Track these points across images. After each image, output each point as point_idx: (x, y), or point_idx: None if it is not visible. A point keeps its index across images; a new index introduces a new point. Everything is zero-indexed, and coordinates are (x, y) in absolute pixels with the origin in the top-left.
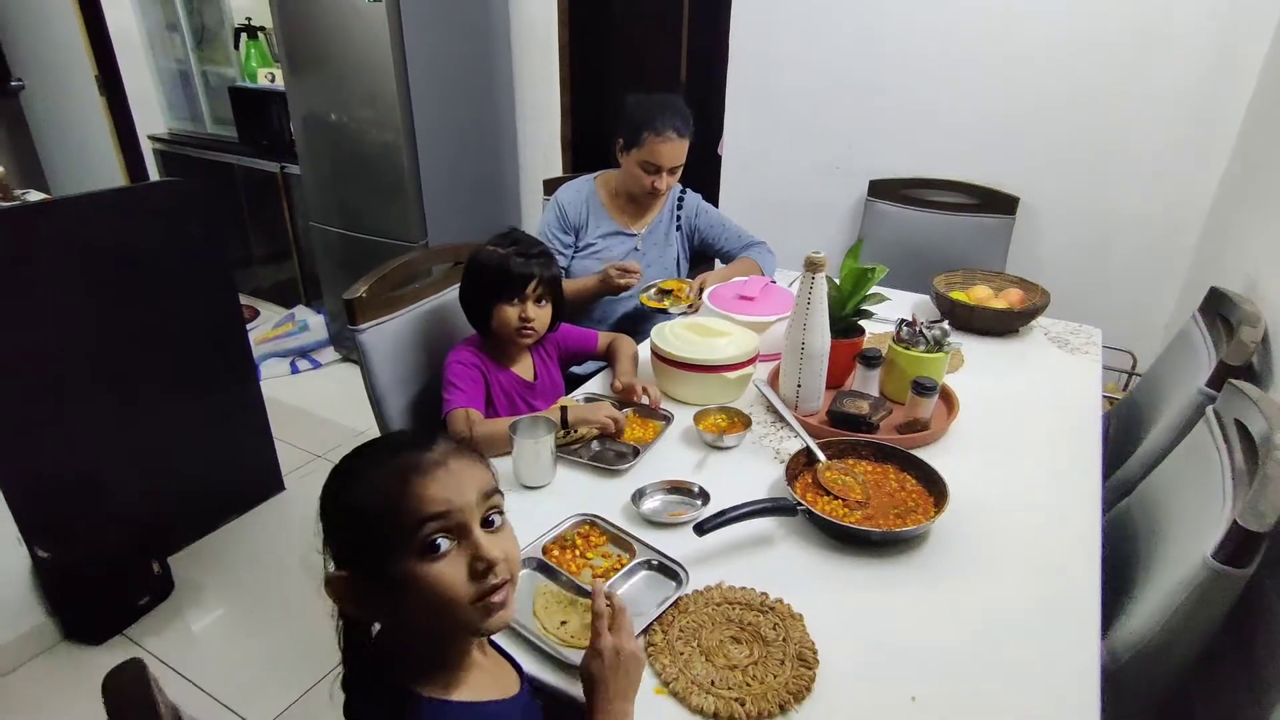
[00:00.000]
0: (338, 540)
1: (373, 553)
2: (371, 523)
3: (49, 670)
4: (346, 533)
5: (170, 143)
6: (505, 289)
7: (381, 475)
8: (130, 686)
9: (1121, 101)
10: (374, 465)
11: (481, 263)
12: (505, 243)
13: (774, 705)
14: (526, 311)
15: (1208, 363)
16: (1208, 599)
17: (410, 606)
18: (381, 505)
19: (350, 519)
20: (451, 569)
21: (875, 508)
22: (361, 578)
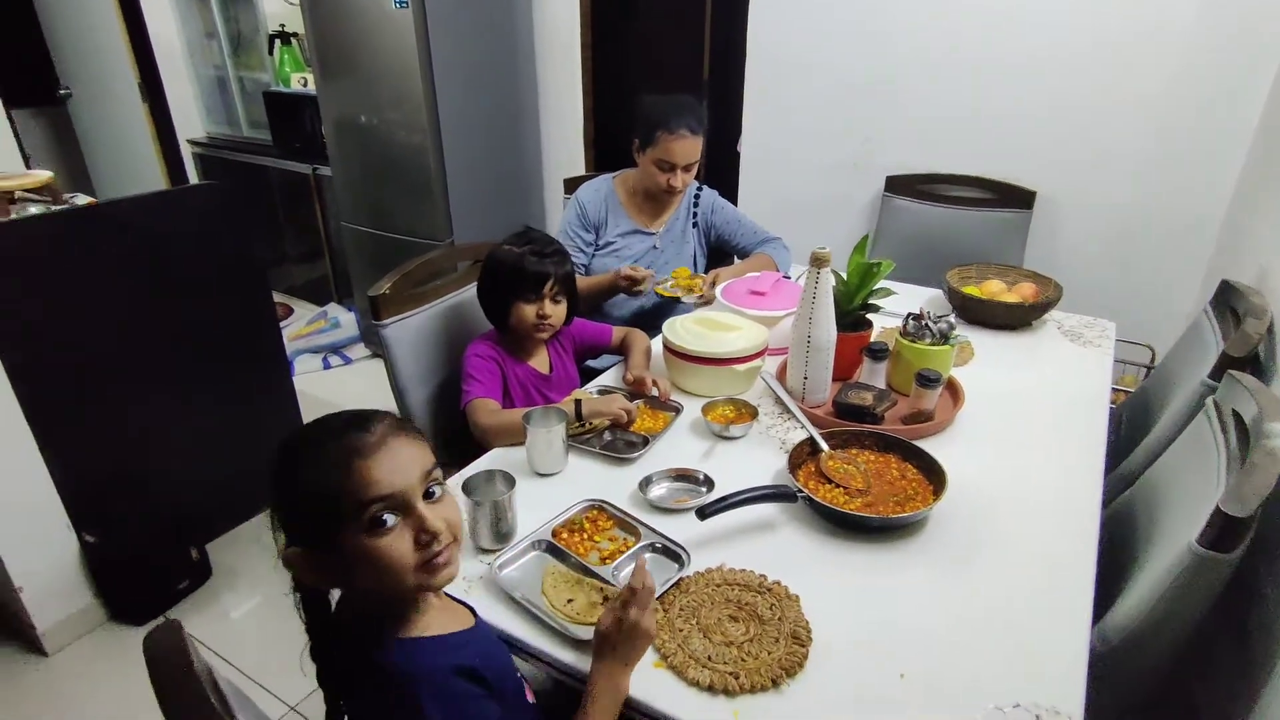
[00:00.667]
0: (290, 519)
1: (324, 530)
2: (320, 504)
3: (95, 649)
4: (298, 513)
5: (208, 146)
6: (523, 287)
7: (326, 459)
8: (169, 643)
9: (1140, 96)
10: (318, 448)
11: (499, 261)
12: (520, 242)
13: (767, 679)
14: (544, 308)
15: (1215, 355)
16: (1193, 584)
17: (362, 575)
18: (329, 488)
19: (300, 501)
20: (398, 541)
21: (876, 496)
22: (316, 552)
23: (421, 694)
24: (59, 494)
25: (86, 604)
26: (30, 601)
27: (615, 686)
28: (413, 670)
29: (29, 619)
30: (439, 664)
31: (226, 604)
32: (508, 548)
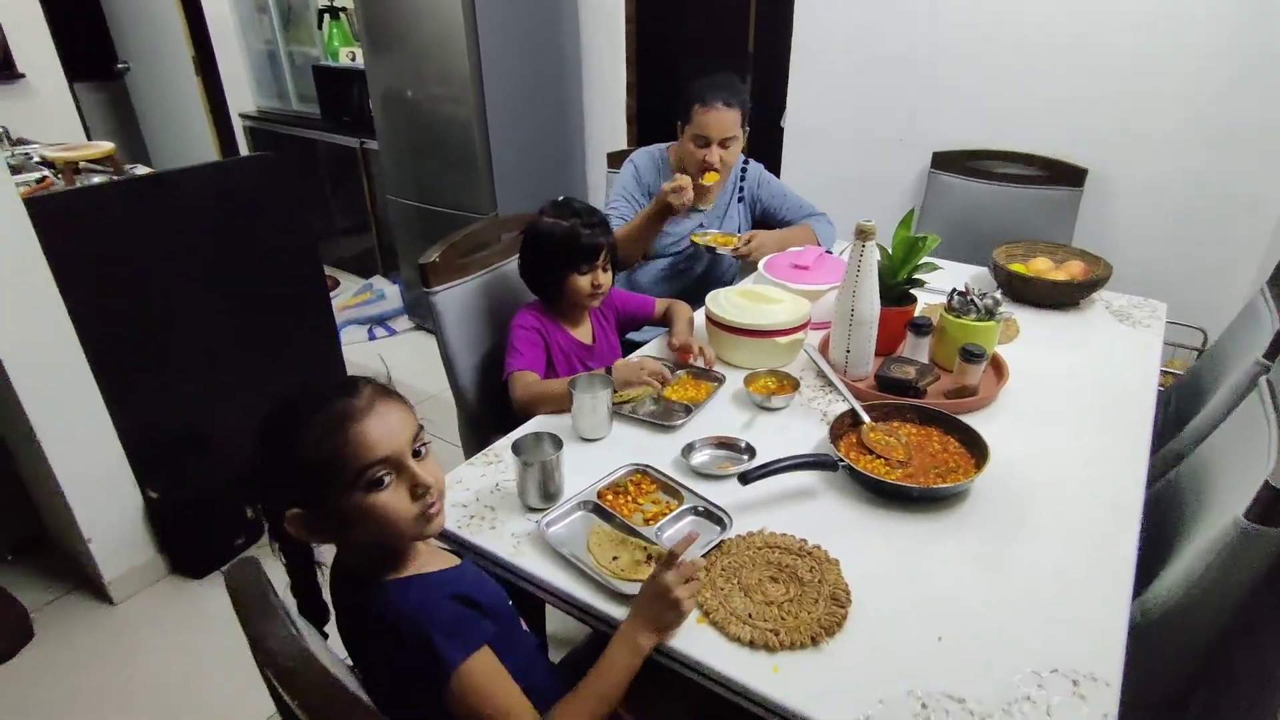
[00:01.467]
0: (284, 485)
1: (323, 493)
2: (321, 470)
3: (158, 599)
4: (296, 479)
5: (258, 120)
6: (577, 259)
7: (323, 427)
8: (248, 574)
9: (1198, 73)
10: (311, 417)
11: (547, 233)
12: (566, 213)
13: (806, 638)
14: (597, 278)
15: (1270, 335)
16: (1238, 558)
17: (362, 529)
18: (329, 454)
19: (301, 468)
20: (395, 497)
21: (916, 467)
22: (314, 513)
23: (422, 621)
24: (124, 450)
25: (150, 557)
26: (99, 552)
27: (634, 644)
28: (412, 604)
29: (97, 569)
30: (434, 595)
31: (277, 562)
32: (554, 507)
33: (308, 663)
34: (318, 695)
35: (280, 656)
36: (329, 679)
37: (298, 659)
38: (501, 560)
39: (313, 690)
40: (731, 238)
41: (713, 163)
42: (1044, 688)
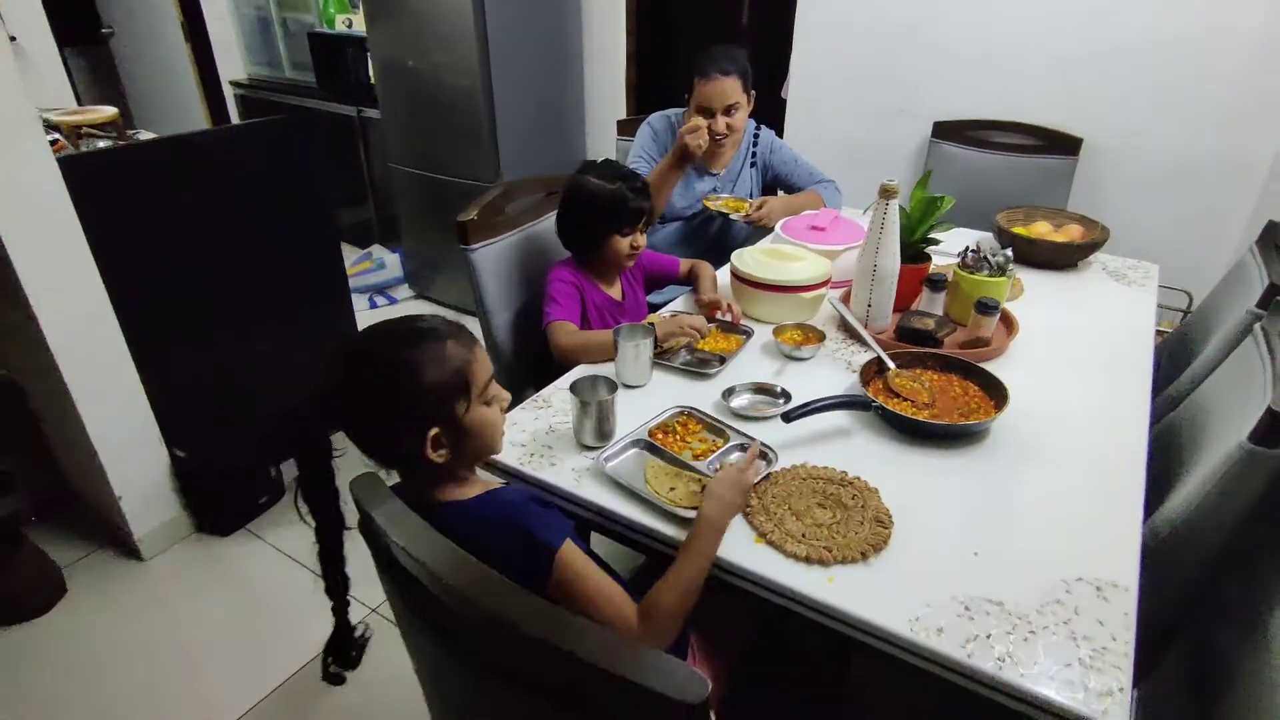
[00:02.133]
0: (418, 406)
1: (454, 408)
2: (455, 385)
3: (184, 556)
4: (430, 398)
5: (250, 87)
6: (620, 221)
7: (451, 348)
8: (370, 486)
9: (1189, 44)
10: (433, 342)
11: (593, 194)
12: (611, 177)
13: (856, 554)
14: (637, 240)
15: (1260, 289)
16: (1242, 478)
17: (478, 441)
18: (459, 371)
19: (434, 386)
20: (496, 411)
21: (941, 408)
22: (447, 429)
23: (516, 519)
24: (153, 412)
25: (176, 514)
26: (129, 510)
27: (719, 525)
28: (501, 508)
29: (127, 526)
30: (516, 499)
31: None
32: (609, 445)
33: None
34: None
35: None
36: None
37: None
38: (566, 493)
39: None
40: (743, 203)
41: (719, 130)
42: (1071, 592)
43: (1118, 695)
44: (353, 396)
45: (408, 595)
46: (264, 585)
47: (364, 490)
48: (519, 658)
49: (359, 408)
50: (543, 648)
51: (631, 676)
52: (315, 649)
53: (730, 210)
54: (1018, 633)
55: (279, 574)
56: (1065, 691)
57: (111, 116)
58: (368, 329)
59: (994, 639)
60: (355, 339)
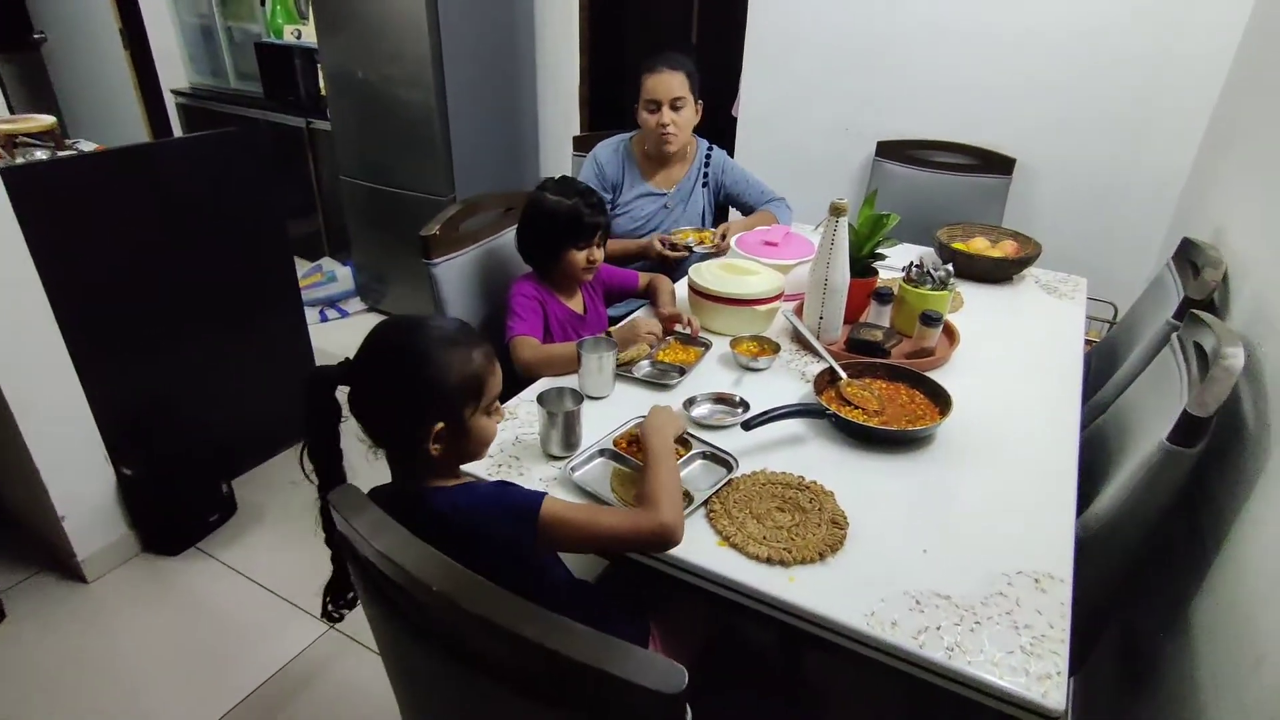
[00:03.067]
0: (438, 400)
1: (463, 410)
2: (470, 389)
3: (131, 577)
4: (449, 394)
5: (193, 97)
6: (576, 236)
7: (478, 354)
8: (349, 497)
9: (1112, 70)
10: (468, 346)
11: (551, 210)
12: (569, 192)
13: (815, 554)
14: (593, 254)
15: (1176, 301)
16: (1162, 474)
17: (474, 442)
18: (477, 378)
19: (454, 385)
20: (495, 422)
21: (890, 415)
22: (451, 427)
23: (496, 496)
24: (98, 428)
25: (122, 534)
26: (72, 530)
27: (664, 432)
28: (483, 491)
29: (70, 547)
30: (493, 486)
31: (255, 536)
32: (576, 454)
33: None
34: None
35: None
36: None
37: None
38: None
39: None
40: (706, 233)
41: (666, 123)
42: (1012, 584)
43: (1055, 678)
44: (379, 375)
45: (385, 599)
46: (216, 604)
47: (344, 503)
48: (505, 658)
49: (381, 386)
50: (529, 647)
51: (616, 672)
52: (272, 668)
53: (696, 242)
54: (965, 623)
55: (232, 592)
56: (1009, 677)
57: (49, 125)
58: (409, 319)
59: (943, 630)
60: (397, 324)
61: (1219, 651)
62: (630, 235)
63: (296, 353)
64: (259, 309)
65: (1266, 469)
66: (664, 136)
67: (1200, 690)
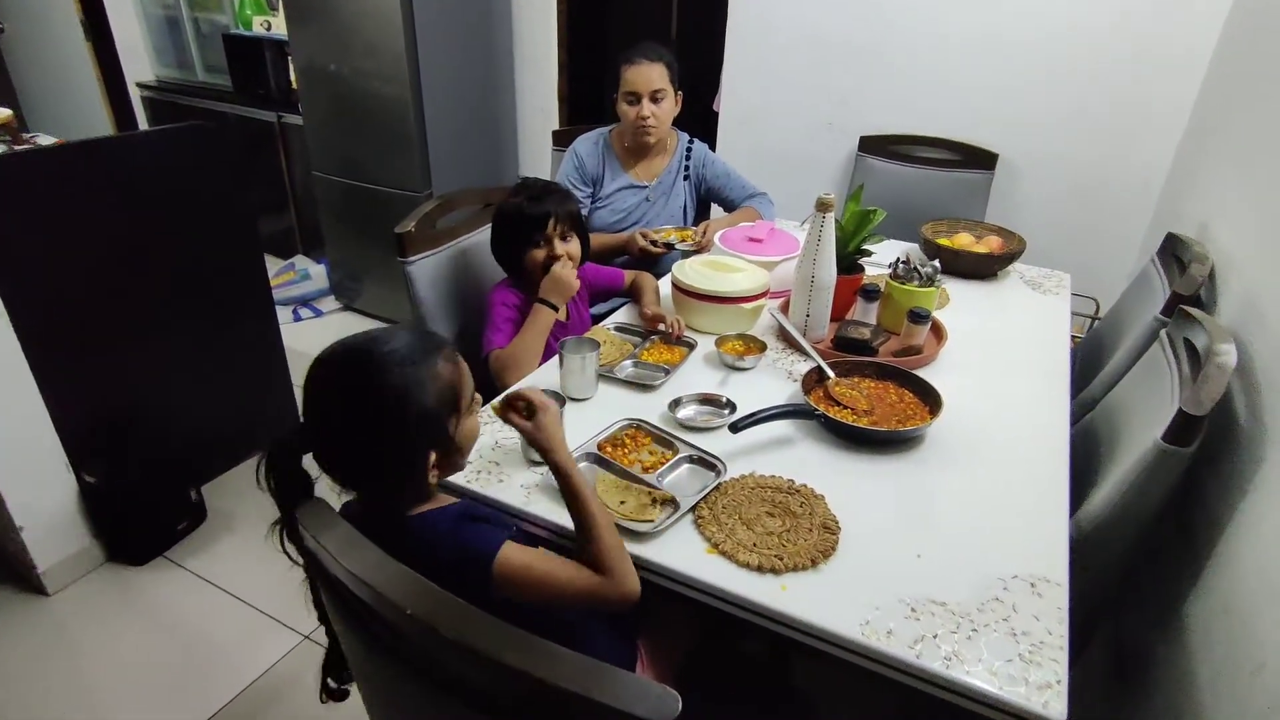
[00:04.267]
0: (419, 430)
1: (447, 425)
2: (448, 401)
3: (94, 589)
4: (428, 418)
5: (159, 90)
6: (527, 233)
7: (441, 363)
8: (318, 513)
9: (1093, 66)
10: (426, 358)
11: (503, 213)
12: (519, 191)
13: (806, 560)
14: (554, 249)
15: (1163, 297)
16: (1156, 474)
17: (464, 452)
18: (450, 386)
19: (430, 406)
20: (476, 416)
21: (879, 415)
22: (443, 449)
23: (453, 536)
24: (57, 432)
25: (85, 544)
26: (31, 541)
27: (564, 459)
28: (448, 521)
29: (29, 559)
30: (456, 512)
31: (226, 544)
32: None
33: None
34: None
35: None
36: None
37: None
38: (515, 510)
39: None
40: (688, 231)
41: (646, 115)
42: (1008, 589)
43: (1056, 687)
44: (348, 426)
45: (359, 624)
46: (184, 615)
47: (313, 520)
48: (491, 686)
49: (354, 436)
50: (515, 675)
51: (607, 700)
52: (243, 682)
53: (678, 240)
54: (961, 631)
55: (201, 603)
56: (1009, 686)
57: (5, 119)
58: (352, 351)
59: (940, 638)
60: (346, 362)
61: (1216, 656)
62: (612, 228)
63: (268, 354)
64: (229, 309)
65: (1262, 469)
66: (643, 128)
67: (1198, 695)
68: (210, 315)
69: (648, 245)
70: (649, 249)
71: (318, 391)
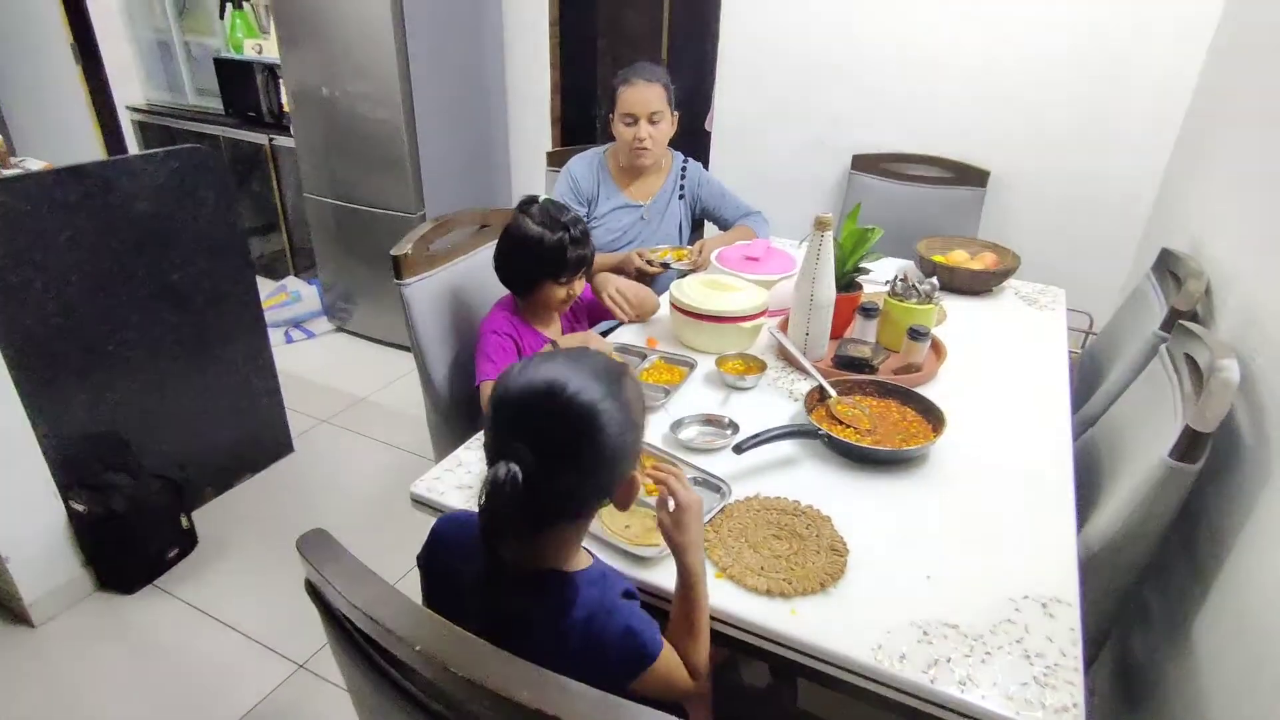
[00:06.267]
0: (632, 449)
1: (628, 468)
2: (634, 444)
3: (84, 619)
4: (638, 439)
5: (150, 113)
6: (559, 270)
7: (635, 396)
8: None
9: (1082, 84)
10: (621, 391)
11: (531, 239)
12: (553, 223)
13: (815, 584)
14: (574, 289)
15: (1159, 312)
16: (1164, 491)
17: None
18: (638, 424)
19: (615, 450)
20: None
21: (882, 434)
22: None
23: (619, 615)
24: (45, 459)
25: (75, 573)
26: (17, 571)
27: (701, 560)
28: (608, 595)
29: (15, 590)
30: (616, 588)
31: (217, 572)
32: None
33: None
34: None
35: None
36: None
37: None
38: None
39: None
40: (683, 251)
41: (643, 137)
42: (1020, 610)
43: (1073, 710)
44: (566, 449)
45: (365, 660)
46: (177, 646)
47: (315, 551)
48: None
49: (571, 461)
50: (528, 713)
51: None
52: (237, 714)
53: (675, 259)
54: (975, 654)
55: (193, 633)
56: (1025, 711)
57: None
58: (557, 375)
59: (954, 662)
60: (558, 385)
61: (1229, 679)
62: (608, 248)
63: (259, 377)
64: (219, 332)
65: (1269, 485)
66: (640, 150)
67: (1213, 717)
68: (201, 338)
69: (644, 265)
70: (646, 268)
71: (529, 419)
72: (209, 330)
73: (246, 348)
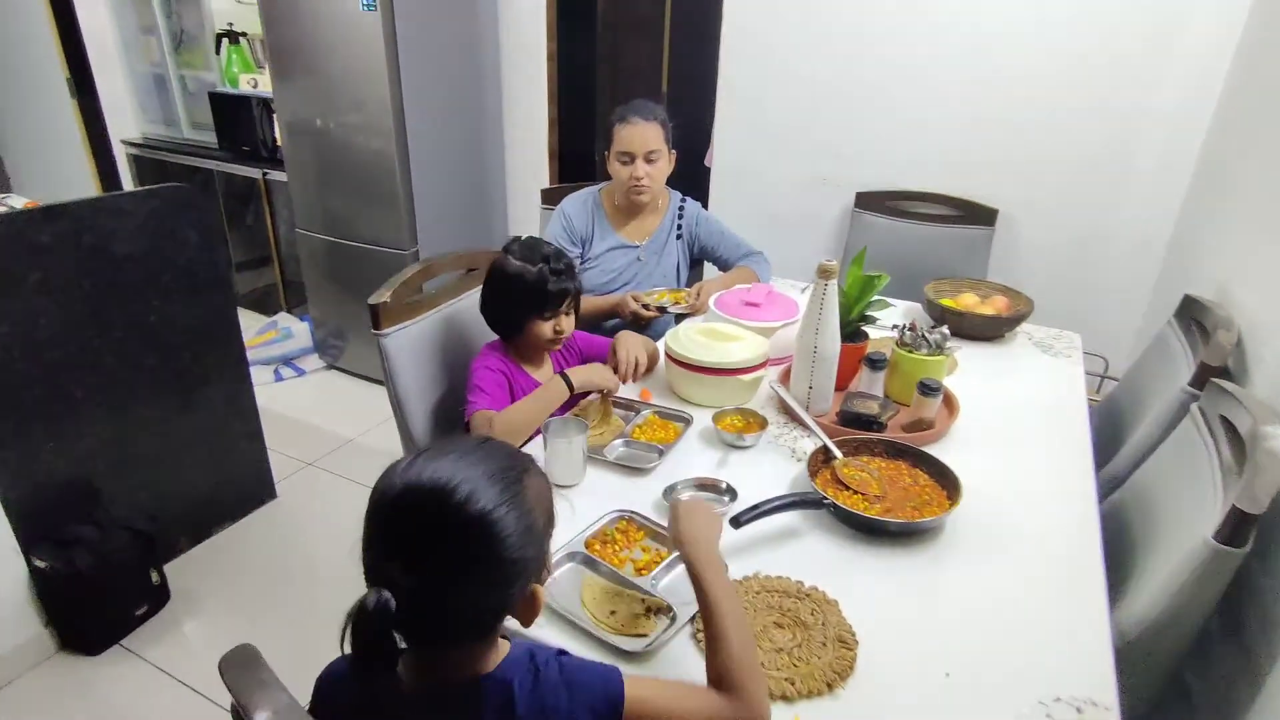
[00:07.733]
0: (533, 558)
1: (545, 547)
2: (549, 522)
3: (45, 682)
4: (538, 544)
5: (144, 148)
6: (541, 305)
7: (535, 481)
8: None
9: (1093, 119)
10: (533, 476)
11: (514, 276)
12: (534, 257)
13: (822, 684)
14: (560, 324)
15: (1186, 364)
16: (1208, 577)
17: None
18: (549, 504)
19: (542, 525)
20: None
21: (893, 500)
22: (537, 581)
23: (570, 691)
24: (6, 515)
25: (35, 633)
26: None
27: (719, 564)
28: (535, 669)
29: None
30: (538, 653)
31: (189, 630)
32: None
33: None
34: None
35: None
36: None
37: None
38: None
39: None
40: (681, 293)
41: (640, 176)
42: (1051, 716)
43: None
44: (447, 564)
45: None
46: (141, 712)
47: (240, 675)
48: None
49: (452, 577)
50: None
51: None
52: None
53: (671, 302)
54: None
55: (159, 697)
56: None
57: None
58: (435, 477)
59: None
60: (431, 489)
61: None
62: (602, 289)
63: (240, 420)
64: (198, 375)
65: None
66: (637, 189)
67: None
68: (179, 381)
69: (639, 309)
70: (641, 313)
71: (409, 531)
72: (187, 373)
73: (227, 390)
